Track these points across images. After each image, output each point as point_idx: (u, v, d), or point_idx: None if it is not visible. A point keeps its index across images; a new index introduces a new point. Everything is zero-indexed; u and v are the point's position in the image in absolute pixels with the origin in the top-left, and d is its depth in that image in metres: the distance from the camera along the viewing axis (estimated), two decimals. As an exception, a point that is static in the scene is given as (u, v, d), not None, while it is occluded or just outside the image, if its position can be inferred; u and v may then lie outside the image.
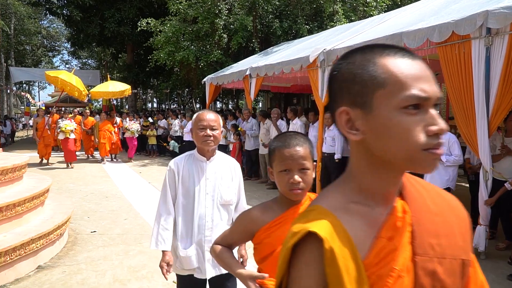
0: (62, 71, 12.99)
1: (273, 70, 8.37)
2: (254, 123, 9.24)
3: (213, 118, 2.28)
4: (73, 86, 11.18)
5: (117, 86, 13.12)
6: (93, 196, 7.62)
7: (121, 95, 13.21)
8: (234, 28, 13.83)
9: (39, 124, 11.82)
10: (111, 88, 12.81)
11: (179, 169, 2.33)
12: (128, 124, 12.78)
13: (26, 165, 4.92)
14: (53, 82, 11.44)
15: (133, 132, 12.60)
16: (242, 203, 2.48)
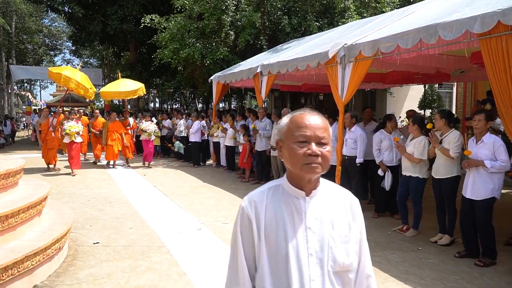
0: (66, 67, 11.29)
1: (287, 67, 7.86)
2: (268, 123, 8.74)
3: (321, 124, 1.37)
4: (78, 83, 9.86)
5: (129, 85, 11.64)
6: (96, 201, 7.13)
7: (133, 94, 11.61)
8: (241, 25, 13.34)
9: (42, 125, 10.64)
10: (123, 87, 11.40)
11: (259, 214, 1.42)
12: (144, 125, 11.41)
13: (22, 170, 4.43)
14: (56, 79, 9.95)
15: (150, 134, 11.21)
16: (365, 268, 1.49)
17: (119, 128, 11.19)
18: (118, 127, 11.20)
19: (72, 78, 9.72)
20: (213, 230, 5.46)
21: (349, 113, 6.50)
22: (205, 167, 11.50)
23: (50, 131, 10.30)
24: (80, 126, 10.16)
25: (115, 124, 11.23)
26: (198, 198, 7.45)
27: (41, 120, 10.98)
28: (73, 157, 9.89)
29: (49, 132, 10.30)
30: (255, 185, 8.65)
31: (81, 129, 10.18)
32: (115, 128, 11.11)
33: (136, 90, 11.47)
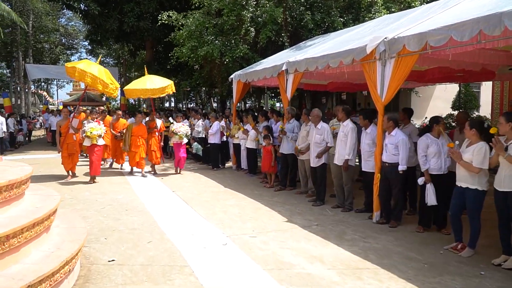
0: (83, 60, 9.77)
1: (316, 64, 7.25)
2: (296, 125, 8.13)
3: None
4: (95, 77, 8.59)
5: (157, 82, 10.24)
6: (111, 208, 6.63)
7: (161, 92, 10.15)
8: (262, 21, 12.76)
9: (62, 127, 9.32)
10: (150, 84, 9.99)
11: None
12: (175, 126, 10.11)
13: (29, 179, 3.93)
14: (71, 73, 8.71)
15: (181, 136, 9.90)
16: None
17: (143, 132, 9.81)
18: (143, 131, 9.80)
19: (87, 72, 8.51)
20: (240, 245, 4.89)
21: (386, 115, 5.85)
22: (225, 170, 10.95)
23: (71, 133, 9.18)
24: (102, 127, 9.02)
25: (140, 128, 9.78)
26: (220, 205, 6.89)
27: (61, 122, 9.61)
28: (93, 162, 8.80)
29: (69, 135, 9.17)
30: (280, 191, 8.06)
31: (103, 131, 9.05)
32: (140, 133, 9.70)
33: (165, 87, 10.12)
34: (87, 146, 8.93)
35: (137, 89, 10.13)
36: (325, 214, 6.37)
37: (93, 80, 8.65)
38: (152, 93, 10.04)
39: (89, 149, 8.91)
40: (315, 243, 4.99)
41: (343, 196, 6.71)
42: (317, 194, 7.01)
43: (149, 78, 10.37)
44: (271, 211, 6.49)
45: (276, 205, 6.92)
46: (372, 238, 5.17)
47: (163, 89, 10.06)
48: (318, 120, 6.95)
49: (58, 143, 9.38)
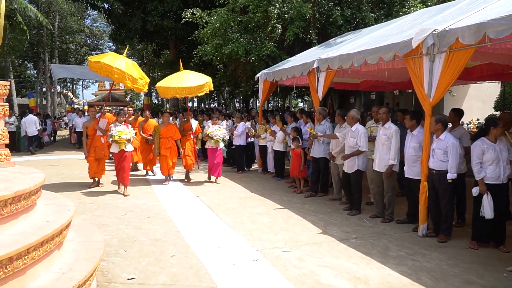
0: (108, 53, 8.68)
1: (351, 61, 6.69)
2: (328, 127, 7.58)
3: None
4: (122, 72, 7.64)
5: (194, 79, 8.90)
6: (133, 215, 6.24)
7: (199, 91, 8.80)
8: (289, 17, 12.23)
9: (89, 128, 8.37)
10: (186, 82, 8.70)
11: None
12: (210, 129, 8.92)
13: (40, 188, 3.54)
14: (96, 69, 7.77)
15: (217, 141, 8.82)
16: None
17: (173, 133, 8.79)
18: (172, 132, 8.80)
19: (113, 67, 7.58)
20: (272, 261, 4.40)
21: (434, 116, 5.24)
22: (250, 173, 10.48)
23: (98, 136, 8.26)
24: (131, 131, 7.89)
25: (169, 129, 8.82)
26: (248, 213, 6.41)
27: (88, 123, 8.58)
28: (124, 169, 7.71)
29: (96, 138, 8.27)
30: (311, 197, 7.52)
31: (133, 134, 7.96)
32: (169, 134, 8.76)
33: (202, 85, 8.79)
34: (114, 152, 7.81)
35: (172, 87, 8.68)
36: (363, 225, 5.80)
37: (121, 76, 7.70)
38: (189, 92, 8.76)
39: (117, 156, 7.77)
40: (356, 260, 4.45)
41: (383, 205, 6.13)
42: (353, 203, 6.43)
43: (185, 75, 8.97)
44: (303, 221, 5.96)
45: (308, 213, 6.39)
46: (421, 256, 4.58)
47: (200, 87, 8.74)
48: (355, 122, 6.37)
49: (85, 146, 8.42)
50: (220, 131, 8.87)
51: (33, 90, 30.70)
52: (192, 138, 9.37)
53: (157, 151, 8.75)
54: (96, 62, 7.79)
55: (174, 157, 8.81)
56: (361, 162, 6.30)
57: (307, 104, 33.76)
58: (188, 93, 8.77)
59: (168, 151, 8.67)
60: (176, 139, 8.84)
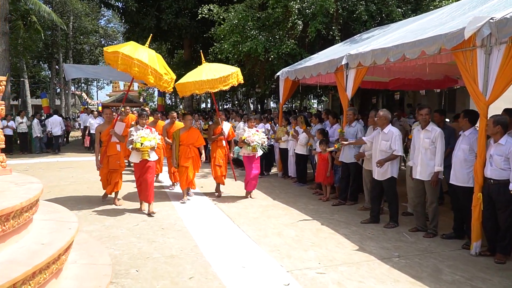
0: (127, 42, 7.14)
1: (386, 56, 6.03)
2: (359, 129, 6.93)
3: None
4: (144, 65, 6.21)
5: (216, 70, 7.34)
6: (146, 226, 5.67)
7: (223, 84, 7.13)
8: (310, 13, 11.58)
9: (103, 133, 6.90)
10: (206, 75, 7.17)
11: None
12: (246, 134, 7.35)
13: (36, 202, 2.97)
14: (113, 61, 6.33)
15: (254, 148, 7.24)
16: None
17: (195, 139, 7.22)
18: (194, 138, 7.22)
19: (134, 58, 6.15)
20: (306, 286, 3.77)
21: (492, 117, 4.56)
22: (270, 178, 9.85)
23: (114, 142, 6.86)
24: (156, 136, 6.40)
25: (191, 134, 7.21)
26: (272, 224, 5.79)
27: (101, 127, 7.07)
28: (147, 183, 6.26)
29: (111, 145, 6.85)
30: (339, 206, 6.87)
31: (158, 140, 6.49)
32: (191, 140, 7.17)
33: (227, 77, 7.17)
34: (134, 163, 6.41)
35: (190, 82, 7.17)
36: (404, 240, 5.13)
37: (142, 70, 6.22)
38: (210, 86, 7.11)
39: (138, 167, 6.34)
40: (406, 285, 3.79)
41: (424, 218, 5.45)
42: (391, 215, 5.75)
43: (206, 68, 7.47)
44: (335, 234, 5.32)
45: (340, 225, 5.74)
46: (480, 280, 3.90)
47: (224, 79, 7.14)
48: (386, 123, 5.69)
49: (97, 155, 6.91)
50: (258, 135, 7.30)
51: (44, 90, 30.62)
52: (225, 144, 7.76)
53: (176, 161, 7.19)
54: (114, 52, 6.32)
55: (196, 168, 7.23)
56: (395, 168, 5.62)
57: (323, 105, 32.97)
58: (209, 87, 7.10)
59: (188, 162, 7.06)
60: (199, 146, 7.30)
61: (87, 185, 8.64)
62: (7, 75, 16.96)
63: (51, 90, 31.24)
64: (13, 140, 15.64)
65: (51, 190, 8.14)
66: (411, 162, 5.46)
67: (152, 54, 6.62)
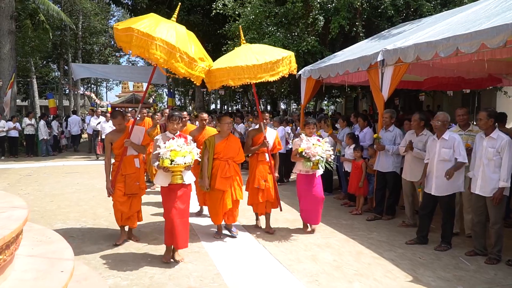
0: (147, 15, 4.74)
1: (435, 50, 5.25)
2: (398, 134, 6.12)
3: None
4: (171, 47, 4.27)
5: (262, 53, 5.02)
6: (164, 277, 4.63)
7: (269, 73, 4.88)
8: (333, 8, 10.81)
9: (115, 145, 4.92)
10: (247, 59, 4.86)
11: None
12: (304, 145, 5.20)
13: (18, 236, 2.23)
14: (125, 43, 4.36)
15: (316, 163, 5.18)
16: None
17: (237, 151, 5.14)
18: (235, 149, 5.13)
19: (156, 38, 4.18)
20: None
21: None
22: (291, 185, 9.06)
23: (131, 156, 4.93)
24: (193, 148, 4.36)
25: (231, 143, 5.14)
26: (303, 245, 5.01)
27: (112, 135, 4.99)
28: (176, 221, 4.28)
29: (127, 160, 4.90)
30: (375, 221, 6.07)
31: (196, 155, 4.36)
32: (231, 153, 5.09)
33: (276, 63, 4.90)
34: (162, 186, 4.44)
35: (224, 68, 4.81)
36: (463, 268, 4.32)
37: (168, 54, 4.26)
38: (252, 75, 4.77)
39: (166, 193, 4.38)
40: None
41: (484, 240, 4.63)
42: (443, 235, 4.92)
43: (246, 50, 5.12)
44: (380, 259, 4.52)
45: (382, 246, 4.95)
46: None
47: (273, 66, 4.85)
48: (444, 129, 4.87)
49: (107, 175, 4.87)
50: (321, 147, 5.17)
51: (55, 92, 30.16)
52: (268, 159, 5.46)
53: (208, 182, 4.96)
54: (126, 30, 4.26)
55: (237, 193, 5.09)
56: (460, 181, 4.79)
57: (337, 107, 32.06)
58: (250, 76, 4.77)
59: (227, 184, 4.96)
60: (241, 162, 5.26)
61: (93, 193, 7.93)
62: (13, 75, 16.56)
63: (60, 91, 30.78)
64: (19, 143, 15.06)
65: (54, 199, 7.46)
66: (471, 173, 4.64)
67: (182, 31, 4.59)
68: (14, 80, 16.49)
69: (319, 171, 5.37)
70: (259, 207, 5.49)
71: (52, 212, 6.53)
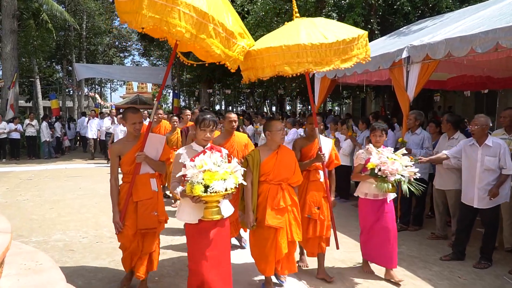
0: None
1: (470, 45, 4.76)
2: (426, 138, 5.63)
3: None
4: (201, 15, 2.91)
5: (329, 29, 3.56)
6: None
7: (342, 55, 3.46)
8: (346, 4, 10.34)
9: (125, 159, 3.50)
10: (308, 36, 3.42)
11: None
12: (376, 159, 3.78)
13: (1, 265, 1.76)
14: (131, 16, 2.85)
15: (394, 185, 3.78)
16: None
17: (292, 170, 3.63)
18: (290, 167, 3.62)
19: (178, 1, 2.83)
20: None
21: None
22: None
23: (146, 175, 3.54)
24: (236, 167, 2.92)
25: (284, 158, 3.62)
26: (326, 260, 4.50)
27: (120, 146, 3.57)
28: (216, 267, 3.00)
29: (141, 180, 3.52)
30: (401, 232, 5.56)
31: (240, 178, 2.91)
32: (285, 172, 3.60)
33: (350, 42, 3.48)
34: (189, 224, 3.11)
35: (277, 47, 3.38)
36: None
37: (198, 27, 2.94)
38: (316, 58, 3.40)
39: (196, 233, 3.05)
40: None
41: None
42: (484, 250, 4.42)
43: (304, 25, 3.63)
44: (416, 279, 4.03)
45: (415, 263, 4.46)
46: None
47: (346, 46, 3.48)
48: (484, 134, 4.36)
49: (114, 204, 3.50)
50: (399, 162, 3.76)
51: (59, 92, 29.83)
52: (324, 178, 4.02)
53: (253, 216, 3.52)
54: None
55: (294, 231, 3.58)
56: (506, 190, 4.29)
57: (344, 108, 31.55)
58: (315, 59, 3.40)
59: (281, 218, 3.52)
60: (298, 185, 3.79)
61: (96, 200, 7.48)
62: (15, 75, 16.19)
63: (63, 92, 30.47)
64: (21, 145, 14.66)
65: (54, 206, 7.02)
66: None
67: (220, 3, 3.23)
68: (16, 80, 16.11)
69: (391, 194, 4.02)
70: (309, 245, 4.01)
71: (52, 221, 6.08)
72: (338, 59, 3.47)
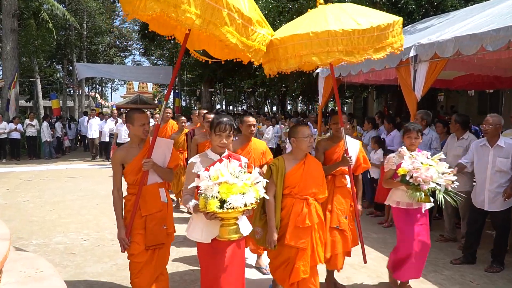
0: None
1: (481, 43, 4.68)
2: (434, 138, 5.52)
3: None
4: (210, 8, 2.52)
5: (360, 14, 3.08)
6: None
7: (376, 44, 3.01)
8: (350, 2, 10.21)
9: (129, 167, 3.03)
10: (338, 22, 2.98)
11: None
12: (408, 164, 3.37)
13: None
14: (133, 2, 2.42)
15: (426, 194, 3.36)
16: None
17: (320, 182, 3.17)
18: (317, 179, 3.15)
19: None
20: None
21: None
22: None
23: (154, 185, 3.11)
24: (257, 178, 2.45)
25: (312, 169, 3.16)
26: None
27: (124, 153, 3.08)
28: None
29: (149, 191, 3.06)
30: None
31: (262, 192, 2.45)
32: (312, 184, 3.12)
33: (385, 29, 3.01)
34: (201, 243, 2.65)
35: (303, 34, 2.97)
36: (526, 296, 3.71)
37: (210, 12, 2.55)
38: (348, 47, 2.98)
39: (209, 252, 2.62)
40: None
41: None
42: (495, 254, 4.30)
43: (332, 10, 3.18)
44: (425, 283, 3.93)
45: (425, 266, 4.29)
46: None
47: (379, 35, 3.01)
48: (497, 134, 4.24)
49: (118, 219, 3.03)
50: (435, 168, 3.35)
51: (60, 92, 29.73)
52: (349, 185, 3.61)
53: (275, 235, 3.05)
54: None
55: (319, 253, 3.12)
56: None
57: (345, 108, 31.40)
58: (347, 48, 3.00)
59: (305, 238, 3.05)
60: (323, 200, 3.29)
61: (97, 201, 7.38)
62: (16, 75, 16.09)
63: (64, 91, 30.36)
64: (21, 145, 14.55)
65: (54, 207, 6.92)
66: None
67: None
68: (17, 80, 16.01)
69: (427, 204, 3.54)
70: (333, 259, 3.48)
71: (52, 223, 5.98)
72: (371, 48, 3.01)
